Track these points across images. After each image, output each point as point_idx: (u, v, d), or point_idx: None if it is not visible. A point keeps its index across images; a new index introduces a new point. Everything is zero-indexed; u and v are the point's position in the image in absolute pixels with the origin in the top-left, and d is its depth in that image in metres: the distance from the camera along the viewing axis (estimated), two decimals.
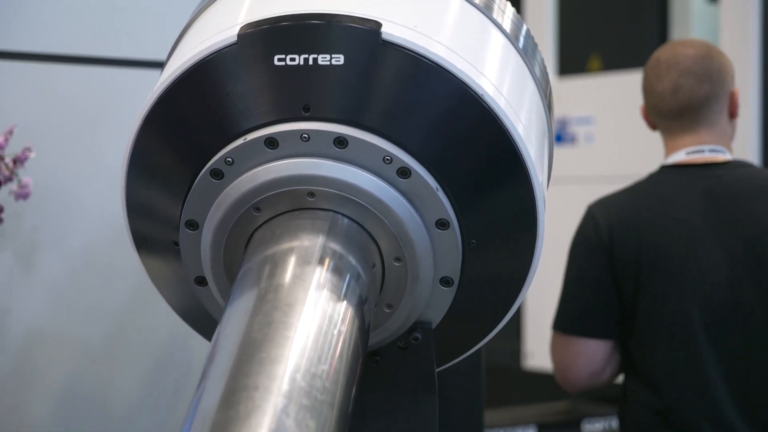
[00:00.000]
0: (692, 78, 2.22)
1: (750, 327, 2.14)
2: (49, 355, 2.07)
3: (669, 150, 2.27)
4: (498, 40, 1.29)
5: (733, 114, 2.28)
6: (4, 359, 2.03)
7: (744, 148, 3.96)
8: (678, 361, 2.16)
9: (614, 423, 3.57)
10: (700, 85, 2.22)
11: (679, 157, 2.24)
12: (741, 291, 2.14)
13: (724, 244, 2.15)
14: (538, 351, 4.59)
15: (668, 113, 2.24)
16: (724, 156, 2.23)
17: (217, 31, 1.23)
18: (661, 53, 2.28)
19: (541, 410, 3.95)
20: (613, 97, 4.51)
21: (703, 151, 2.23)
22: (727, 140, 2.27)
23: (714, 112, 2.24)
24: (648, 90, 2.28)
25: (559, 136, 4.66)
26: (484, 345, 1.39)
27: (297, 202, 1.20)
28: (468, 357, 1.39)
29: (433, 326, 1.29)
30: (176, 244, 1.29)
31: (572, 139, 4.66)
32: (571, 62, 4.96)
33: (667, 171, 2.25)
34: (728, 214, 2.18)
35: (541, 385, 4.27)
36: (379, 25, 1.18)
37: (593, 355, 2.25)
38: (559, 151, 4.40)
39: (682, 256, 2.16)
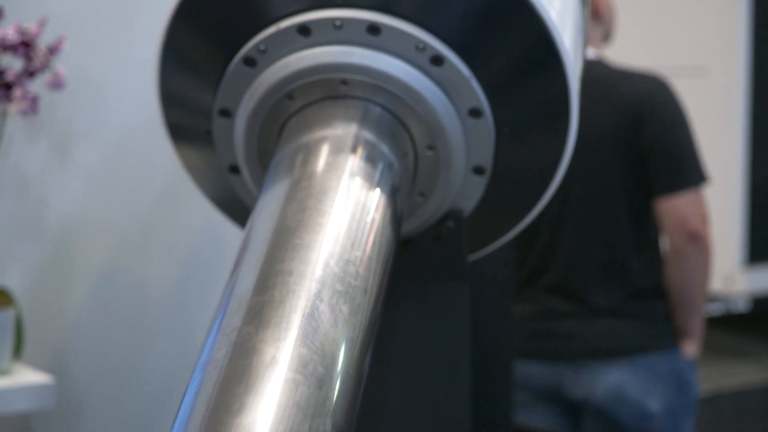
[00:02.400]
0: None
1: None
2: (85, 244, 2.10)
3: None
4: None
5: (595, 15, 2.47)
6: (42, 248, 2.05)
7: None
8: None
9: None
10: None
11: None
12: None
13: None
14: None
15: None
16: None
17: None
18: None
19: None
20: None
21: None
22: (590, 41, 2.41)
23: None
24: None
25: None
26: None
27: (330, 91, 1.20)
28: (499, 249, 1.40)
29: (465, 215, 1.29)
30: (209, 133, 1.29)
31: None
32: None
33: None
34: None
35: None
36: None
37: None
38: None
39: None
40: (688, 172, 2.37)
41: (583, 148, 2.36)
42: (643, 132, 2.35)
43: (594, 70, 2.39)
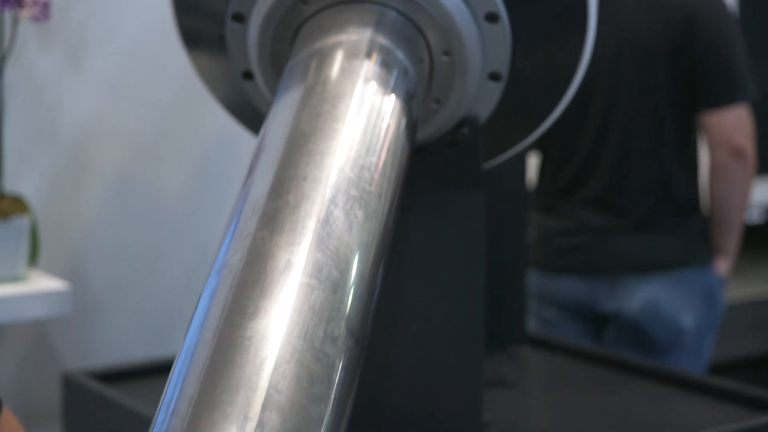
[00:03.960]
0: None
1: None
2: (99, 151, 2.10)
3: None
4: None
5: None
6: (57, 154, 2.05)
7: None
8: None
9: None
10: None
11: None
12: None
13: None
14: None
15: None
16: None
17: None
18: None
19: None
20: None
21: None
22: None
23: None
24: None
25: None
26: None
27: None
28: (513, 158, 1.39)
29: (481, 122, 1.28)
30: (223, 38, 1.28)
31: None
32: None
33: None
34: None
35: None
36: None
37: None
38: None
39: None
40: (737, 87, 2.33)
41: (629, 55, 2.33)
42: (695, 40, 2.30)
43: None
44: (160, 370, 1.74)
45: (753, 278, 3.95)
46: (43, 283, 1.88)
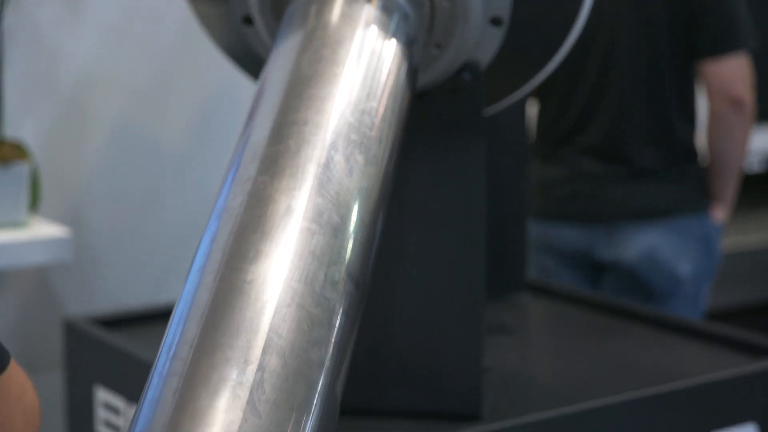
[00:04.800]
0: None
1: None
2: (99, 97, 2.09)
3: None
4: None
5: None
6: (57, 100, 2.05)
7: None
8: None
9: None
10: None
11: None
12: None
13: None
14: None
15: None
16: None
17: None
18: None
19: None
20: None
21: None
22: None
23: None
24: None
25: None
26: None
27: None
28: (513, 107, 1.39)
29: (482, 68, 1.28)
30: None
31: None
32: None
33: None
34: None
35: None
36: None
37: None
38: None
39: None
40: (736, 36, 2.31)
41: (629, 3, 2.32)
42: None
43: None
44: (161, 315, 1.75)
45: (752, 227, 3.95)
46: (44, 229, 1.89)
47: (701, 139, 2.44)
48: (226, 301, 0.78)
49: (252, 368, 0.74)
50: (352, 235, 0.88)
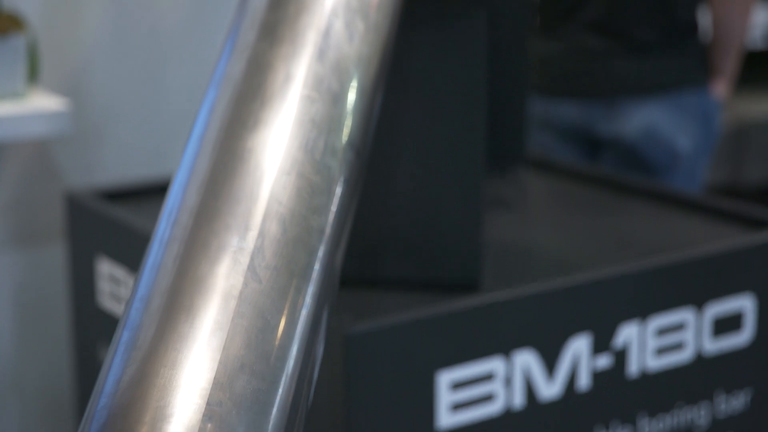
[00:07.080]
0: None
1: None
2: None
3: None
4: None
5: None
6: None
7: None
8: None
9: None
10: None
11: None
12: None
13: None
14: None
15: None
16: None
17: None
18: None
19: None
20: None
21: None
22: None
23: None
24: None
25: None
26: None
27: None
28: None
29: None
30: None
31: None
32: None
33: None
34: None
35: None
36: None
37: None
38: None
39: None
40: None
41: None
42: None
43: None
44: (162, 188, 1.75)
45: (758, 102, 3.94)
46: (43, 101, 1.88)
47: (703, 13, 2.42)
48: (226, 168, 0.78)
49: (252, 234, 0.74)
50: (352, 103, 0.87)
